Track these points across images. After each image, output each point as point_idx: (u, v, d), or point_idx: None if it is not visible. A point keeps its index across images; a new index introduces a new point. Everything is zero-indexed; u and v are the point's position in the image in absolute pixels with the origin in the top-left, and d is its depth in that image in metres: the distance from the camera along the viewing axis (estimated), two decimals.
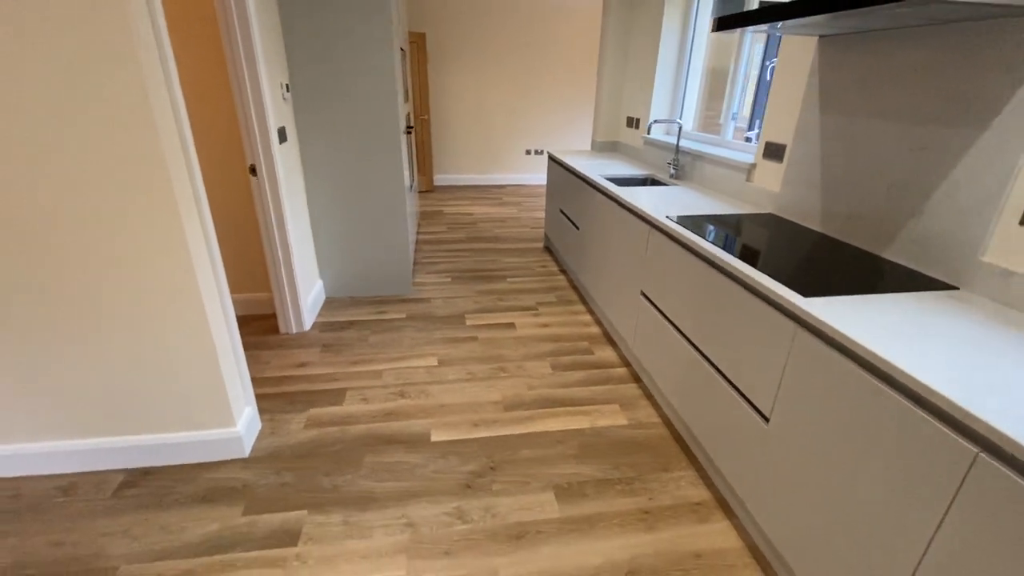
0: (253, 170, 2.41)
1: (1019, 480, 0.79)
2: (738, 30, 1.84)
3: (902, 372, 0.98)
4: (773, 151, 2.19)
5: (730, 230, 1.91)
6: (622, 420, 2.15)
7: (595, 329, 2.93)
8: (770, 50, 3.10)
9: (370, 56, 2.72)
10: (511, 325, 2.95)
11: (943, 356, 1.02)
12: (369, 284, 3.27)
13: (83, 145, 1.41)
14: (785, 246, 1.72)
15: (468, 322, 2.98)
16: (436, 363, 2.54)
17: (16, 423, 1.72)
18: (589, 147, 4.41)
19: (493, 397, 2.28)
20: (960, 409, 0.87)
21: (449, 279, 3.61)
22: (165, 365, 1.71)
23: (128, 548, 1.52)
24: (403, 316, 3.03)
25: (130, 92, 1.37)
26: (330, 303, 3.18)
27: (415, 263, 3.90)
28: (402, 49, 3.66)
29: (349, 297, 3.27)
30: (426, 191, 6.37)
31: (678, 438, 2.04)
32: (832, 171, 1.84)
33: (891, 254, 1.61)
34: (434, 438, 2.01)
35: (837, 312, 1.21)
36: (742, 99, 2.85)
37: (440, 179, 6.72)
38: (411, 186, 3.93)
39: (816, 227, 1.92)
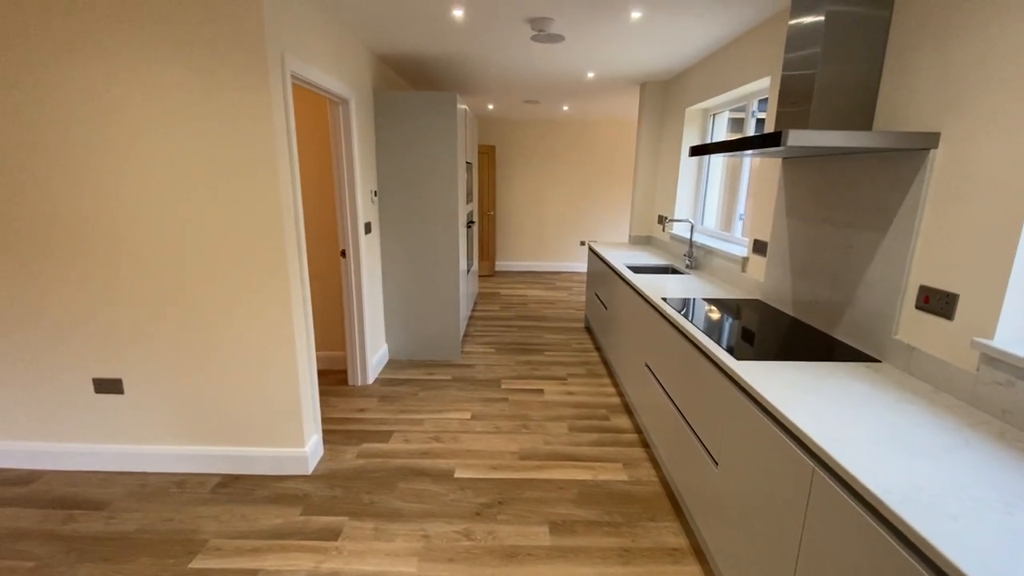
0: (343, 253, 3.13)
1: (840, 492, 1.09)
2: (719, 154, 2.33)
3: (781, 414, 1.30)
4: (759, 247, 2.56)
5: (718, 311, 2.27)
6: (623, 476, 2.41)
7: (616, 399, 3.23)
8: None
9: (438, 170, 3.49)
10: (540, 391, 3.33)
11: (822, 406, 1.33)
12: (425, 349, 3.83)
13: (230, 223, 2.12)
14: (754, 324, 2.06)
15: (503, 386, 3.40)
16: (469, 417, 2.96)
17: (152, 430, 2.35)
18: (627, 240, 4.90)
19: (512, 448, 2.64)
20: (803, 434, 1.19)
21: (494, 350, 4.09)
22: (260, 396, 2.30)
23: (217, 528, 2.01)
24: (449, 378, 3.52)
25: (267, 188, 2.09)
26: (392, 363, 3.75)
27: (467, 335, 4.44)
28: (468, 162, 4.49)
29: (408, 359, 3.84)
30: (487, 275, 7.09)
31: (671, 495, 2.27)
32: (797, 265, 2.19)
33: (839, 333, 1.90)
34: (457, 475, 2.39)
35: (756, 372, 1.55)
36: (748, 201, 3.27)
37: (501, 265, 7.45)
38: (468, 270, 4.59)
39: (789, 311, 2.23)
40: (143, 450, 2.36)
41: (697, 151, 2.27)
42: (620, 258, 3.74)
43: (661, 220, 4.24)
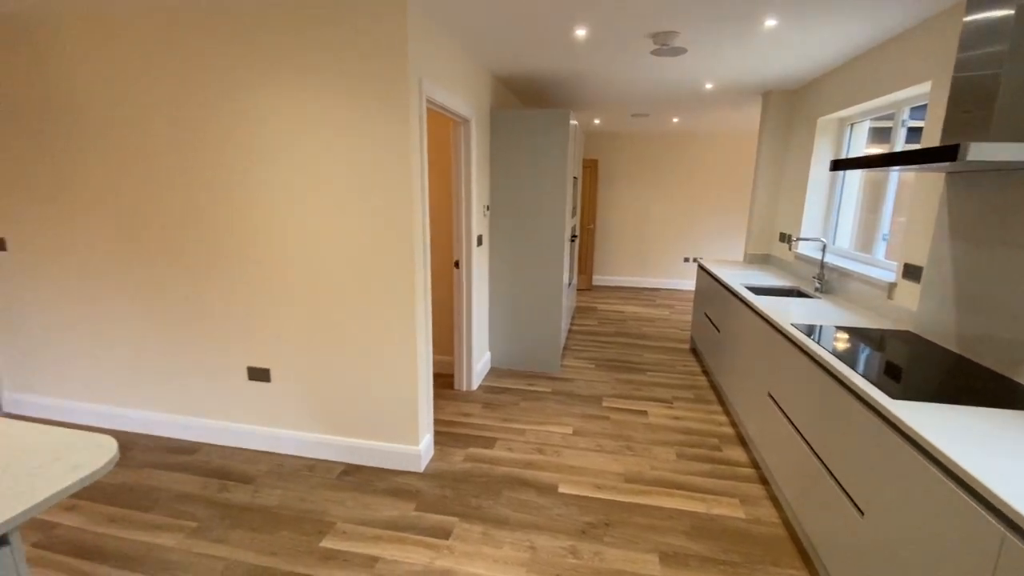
0: (457, 264, 3.29)
1: None
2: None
3: (960, 468, 1.14)
4: (911, 272, 2.28)
5: (859, 341, 2.05)
6: (740, 513, 2.25)
7: (728, 429, 3.03)
8: None
9: (547, 185, 3.56)
10: (644, 412, 3.22)
11: (1014, 461, 1.15)
12: (526, 360, 3.89)
13: (369, 237, 2.32)
14: (905, 359, 1.83)
15: (604, 403, 3.34)
16: (571, 432, 2.94)
17: (291, 417, 2.62)
18: (742, 258, 4.54)
19: (616, 469, 2.58)
20: (990, 492, 1.03)
21: (593, 365, 4.04)
22: (382, 393, 2.48)
23: (343, 513, 2.19)
24: (549, 390, 3.53)
25: (402, 204, 2.27)
26: (494, 371, 3.86)
27: (565, 348, 4.44)
28: (575, 177, 4.52)
29: (509, 369, 3.92)
30: (584, 289, 7.04)
31: (796, 540, 2.07)
32: (964, 294, 1.91)
33: (1022, 377, 1.62)
34: (561, 490, 2.39)
35: (921, 416, 1.37)
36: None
37: (598, 279, 7.36)
38: (569, 284, 4.60)
39: (951, 346, 1.95)
40: (282, 434, 2.64)
41: (841, 165, 2.08)
42: (736, 277, 3.52)
43: (784, 238, 3.93)
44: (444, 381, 3.64)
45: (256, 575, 1.84)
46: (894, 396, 1.48)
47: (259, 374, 2.60)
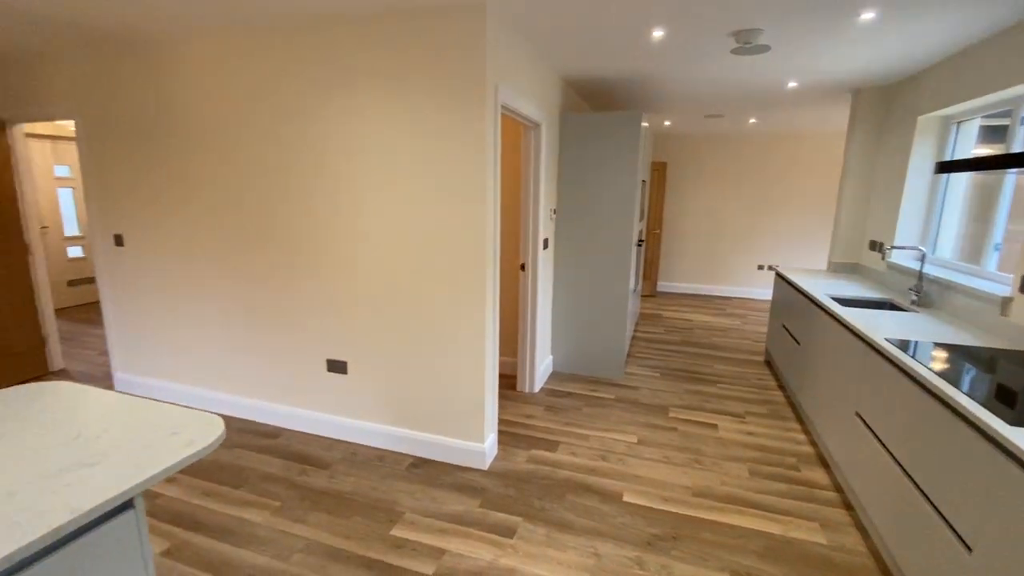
0: (523, 267, 3.33)
1: None
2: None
3: None
4: None
5: (967, 361, 1.87)
6: (820, 539, 2.10)
7: (807, 448, 2.85)
8: None
9: (616, 189, 3.51)
10: (714, 426, 3.10)
11: None
12: (588, 365, 3.85)
13: (444, 238, 2.40)
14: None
15: (671, 414, 3.24)
16: (636, 441, 2.88)
17: (364, 408, 2.75)
18: (824, 267, 4.19)
19: (684, 482, 2.49)
20: None
21: (658, 374, 3.93)
22: (454, 391, 2.54)
23: (411, 504, 2.27)
24: (612, 397, 3.48)
25: (476, 208, 2.32)
26: (555, 375, 3.85)
27: (629, 355, 4.35)
28: (643, 180, 4.43)
29: (571, 373, 3.90)
30: (648, 295, 6.86)
31: (884, 571, 1.91)
32: None
33: None
34: (625, 499, 2.34)
35: None
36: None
37: (663, 286, 7.15)
38: (634, 289, 4.50)
39: None
40: (356, 424, 2.78)
41: (949, 167, 1.90)
42: (820, 287, 3.30)
43: (876, 246, 3.64)
44: (506, 382, 3.67)
45: (332, 556, 1.95)
46: (1012, 422, 1.33)
47: (337, 366, 2.76)
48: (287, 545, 2.01)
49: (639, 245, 4.45)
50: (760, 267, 6.72)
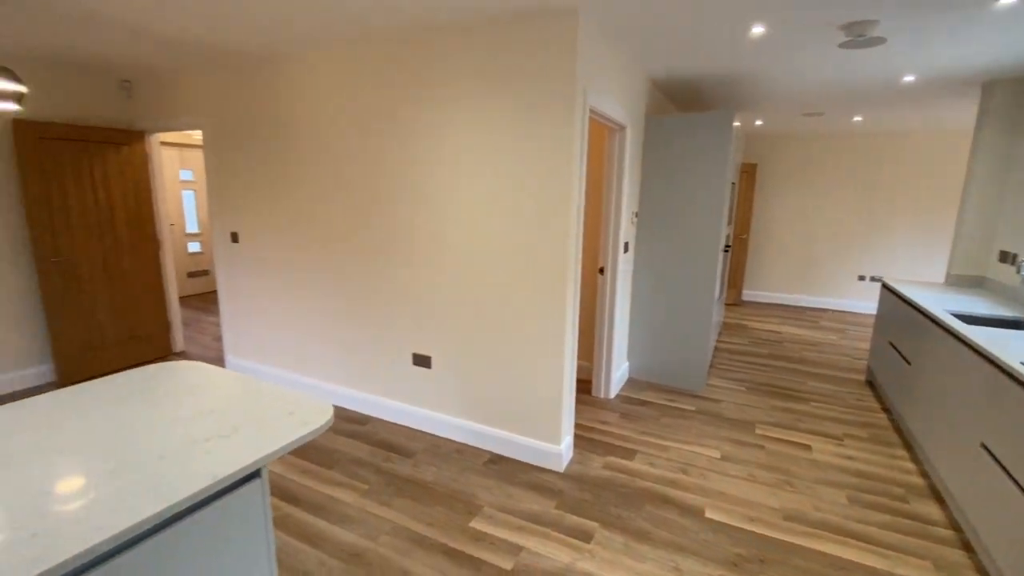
0: (601, 271, 3.30)
1: None
2: None
3: None
4: None
5: None
6: None
7: (917, 479, 2.58)
8: None
9: (703, 192, 3.38)
10: (806, 447, 2.89)
11: None
12: (666, 374, 3.74)
13: (528, 240, 2.44)
14: None
15: (757, 431, 3.06)
16: (719, 456, 2.75)
17: (446, 402, 2.85)
18: (942, 279, 3.71)
19: (772, 503, 2.35)
20: None
21: (743, 388, 3.73)
22: (532, 392, 2.58)
23: (488, 498, 2.33)
24: (693, 409, 3.35)
25: (561, 211, 2.34)
26: (631, 382, 3.77)
27: (711, 366, 4.16)
28: (733, 183, 4.23)
29: (647, 381, 3.80)
30: (732, 304, 6.52)
31: None
32: None
33: None
34: (707, 514, 2.25)
35: None
36: None
37: (748, 294, 6.76)
38: (718, 297, 4.30)
39: None
40: (438, 417, 2.89)
41: None
42: (938, 302, 2.98)
43: (1007, 258, 3.22)
44: (581, 386, 3.65)
45: (416, 540, 2.05)
46: None
47: (422, 360, 2.89)
48: (375, 526, 2.13)
49: (725, 251, 4.25)
50: (861, 278, 6.16)
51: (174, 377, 1.61)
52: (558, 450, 2.55)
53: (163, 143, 5.91)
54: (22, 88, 2.35)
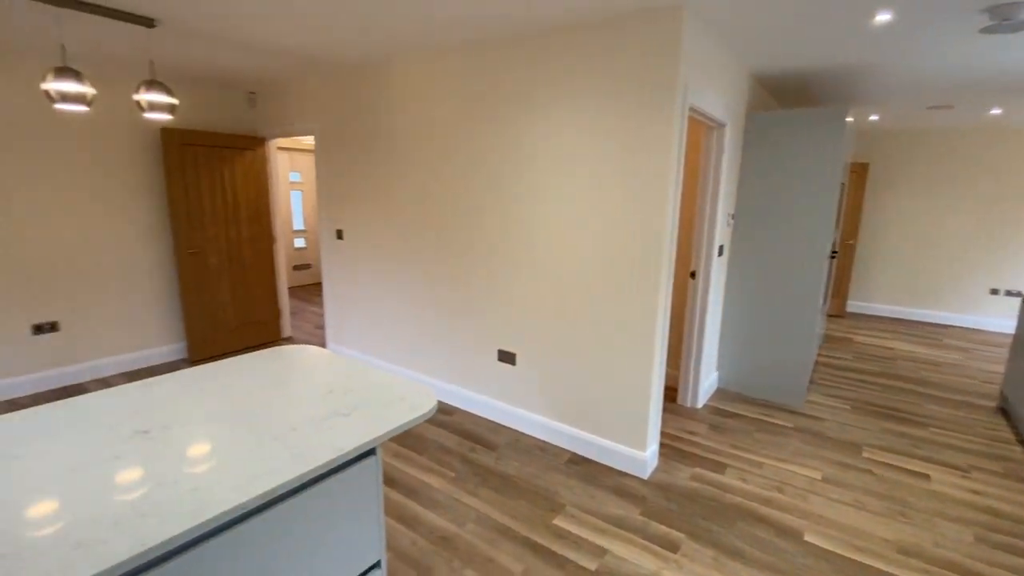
0: (693, 275, 3.18)
1: None
2: None
3: None
4: None
5: None
6: None
7: None
8: None
9: (809, 193, 3.15)
10: (925, 476, 2.61)
11: None
12: (760, 387, 3.53)
13: (620, 240, 2.42)
14: None
15: (865, 454, 2.81)
16: (819, 477, 2.56)
17: (529, 399, 2.90)
18: None
19: (883, 534, 2.15)
20: None
21: (848, 407, 3.43)
22: (618, 395, 2.55)
23: (571, 497, 2.34)
24: (790, 425, 3.13)
25: (656, 213, 2.30)
26: (720, 393, 3.61)
27: (811, 381, 3.87)
28: (842, 183, 3.90)
29: (738, 393, 3.61)
30: (835, 315, 6.01)
31: None
32: None
33: None
34: (807, 538, 2.10)
35: None
36: None
37: (854, 305, 6.19)
38: (821, 308, 3.98)
39: None
40: (520, 413, 2.95)
41: None
42: None
43: None
44: (666, 394, 3.54)
45: (500, 532, 2.11)
46: None
47: (507, 357, 2.96)
48: (462, 513, 2.22)
49: (832, 257, 3.93)
50: (994, 291, 5.43)
51: (294, 359, 1.79)
52: (643, 456, 2.51)
53: (278, 148, 6.51)
54: (174, 100, 2.70)
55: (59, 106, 2.32)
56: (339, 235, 3.86)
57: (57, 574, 0.78)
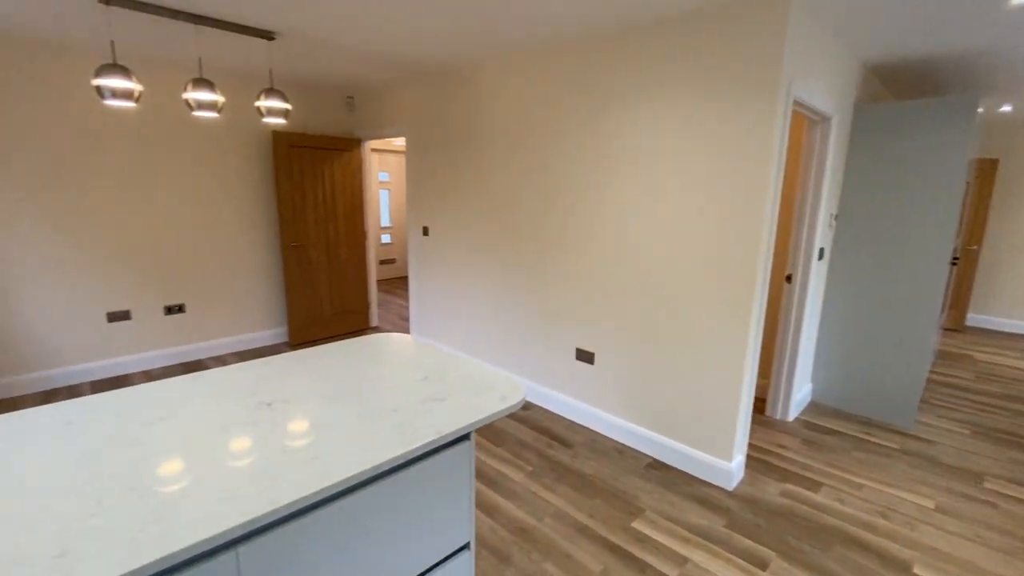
0: (789, 279, 2.99)
1: None
2: None
3: None
4: None
5: None
6: None
7: None
8: None
9: (929, 192, 2.85)
10: None
11: None
12: (861, 403, 3.25)
13: (713, 240, 2.33)
14: None
15: (987, 484, 2.51)
16: (932, 506, 2.32)
17: (607, 400, 2.88)
18: None
19: (1006, 573, 1.91)
20: None
21: (967, 431, 3.07)
22: (704, 403, 2.47)
23: (650, 503, 2.30)
24: (895, 447, 2.86)
25: (754, 213, 2.20)
26: (815, 406, 3.37)
27: (922, 400, 3.50)
28: (967, 182, 3.49)
29: (834, 408, 3.35)
30: (952, 328, 5.38)
31: None
32: None
33: None
34: (916, 570, 1.92)
35: None
36: None
37: (975, 319, 5.51)
38: (939, 320, 3.59)
39: None
40: (598, 413, 2.94)
41: None
42: None
43: None
44: (754, 404, 3.36)
45: (579, 529, 2.12)
46: None
47: (585, 356, 2.95)
48: (540, 507, 2.26)
49: (952, 265, 3.53)
50: None
51: (387, 347, 1.91)
52: (728, 467, 2.40)
53: (372, 148, 6.92)
54: (288, 106, 2.97)
55: (196, 113, 2.63)
56: (425, 232, 4.04)
57: (205, 521, 0.90)
